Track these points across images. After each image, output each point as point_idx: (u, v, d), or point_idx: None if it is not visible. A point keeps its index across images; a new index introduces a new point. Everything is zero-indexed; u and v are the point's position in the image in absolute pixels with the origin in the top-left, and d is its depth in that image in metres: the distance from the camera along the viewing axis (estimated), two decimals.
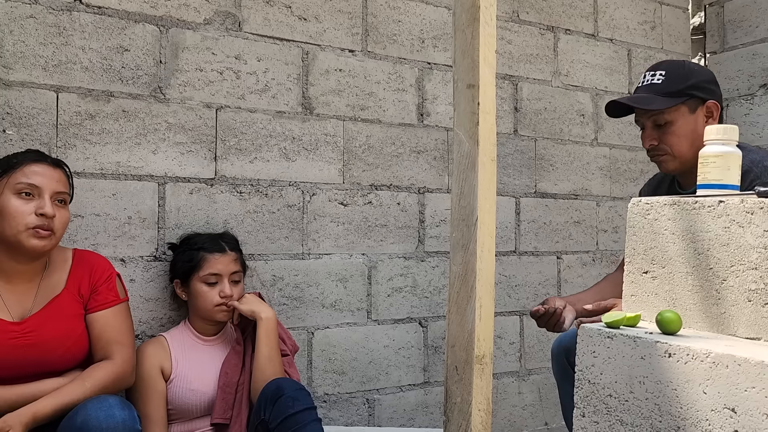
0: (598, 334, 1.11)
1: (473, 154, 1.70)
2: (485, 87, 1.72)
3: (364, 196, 2.40)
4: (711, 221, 1.13)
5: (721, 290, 1.11)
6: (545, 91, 2.88)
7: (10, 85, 1.83)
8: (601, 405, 1.10)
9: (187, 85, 2.08)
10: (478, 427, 1.65)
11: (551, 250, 2.87)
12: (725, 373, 0.94)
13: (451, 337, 1.71)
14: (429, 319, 2.54)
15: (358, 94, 2.40)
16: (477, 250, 1.67)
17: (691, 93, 1.73)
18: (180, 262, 1.92)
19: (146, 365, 1.78)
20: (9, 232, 1.52)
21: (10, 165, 1.56)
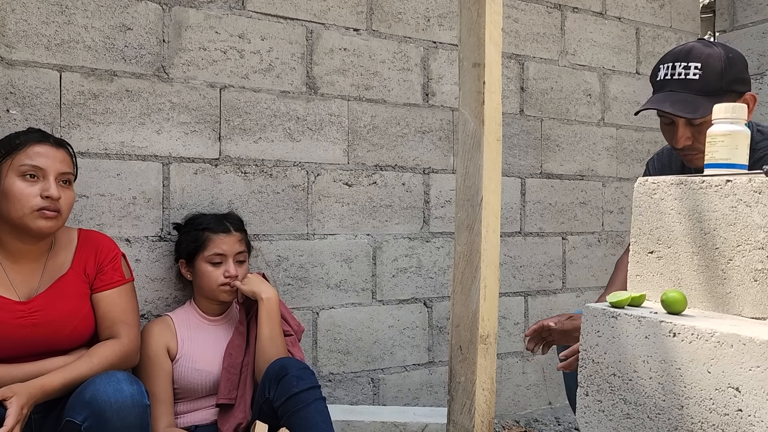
0: (603, 314, 1.11)
1: (478, 133, 1.69)
2: (491, 66, 1.71)
3: (369, 176, 2.40)
4: (718, 201, 1.12)
5: (727, 270, 1.10)
6: (552, 71, 2.85)
7: (13, 64, 1.82)
8: (605, 384, 1.10)
9: (191, 64, 2.07)
10: (482, 406, 1.65)
11: (556, 231, 2.86)
12: (730, 352, 0.94)
13: (456, 317, 1.71)
14: (434, 300, 2.55)
15: (362, 74, 2.38)
16: (482, 230, 1.67)
17: (730, 89, 1.59)
18: (185, 242, 1.92)
19: (152, 344, 1.79)
20: (15, 214, 1.52)
21: (13, 146, 1.55)
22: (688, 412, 0.99)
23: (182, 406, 1.84)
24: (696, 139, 1.62)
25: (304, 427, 1.62)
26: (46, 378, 1.46)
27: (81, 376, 1.50)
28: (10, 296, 1.54)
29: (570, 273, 2.89)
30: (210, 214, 1.98)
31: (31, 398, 1.41)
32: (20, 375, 1.48)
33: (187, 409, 1.84)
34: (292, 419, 1.63)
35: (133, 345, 1.66)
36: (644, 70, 3.13)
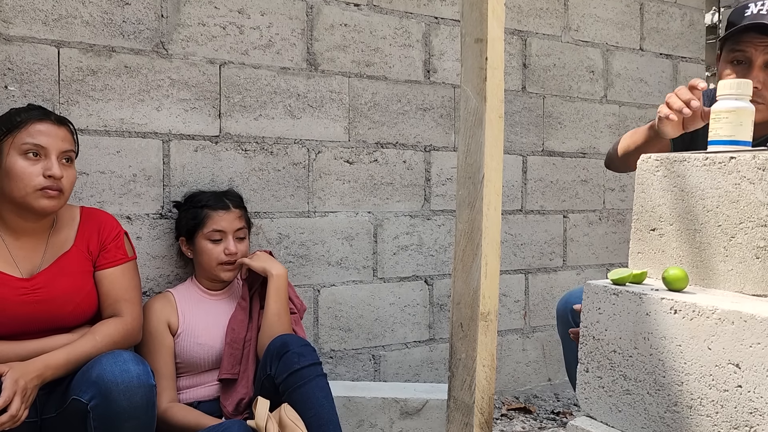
0: (604, 291, 1.11)
1: (480, 110, 1.67)
2: (493, 41, 1.68)
3: (369, 154, 2.38)
4: (721, 178, 1.12)
5: (729, 247, 1.10)
6: (555, 47, 2.82)
7: (11, 40, 1.81)
8: (605, 360, 1.10)
9: (190, 40, 2.05)
10: (483, 382, 1.66)
11: (558, 209, 2.86)
12: (731, 329, 0.94)
13: (457, 294, 1.71)
14: (434, 277, 2.55)
15: (363, 50, 2.35)
16: (483, 207, 1.66)
17: None
18: (184, 219, 1.91)
19: (153, 320, 1.80)
20: (17, 193, 1.51)
21: (14, 124, 1.53)
22: (687, 388, 0.99)
23: (184, 380, 1.85)
24: (766, 86, 1.57)
25: (305, 403, 1.63)
26: (50, 355, 1.47)
27: (85, 353, 1.51)
28: (12, 273, 1.54)
29: (571, 251, 2.89)
30: (209, 192, 1.98)
31: (33, 374, 1.41)
32: (23, 352, 1.49)
33: (189, 384, 1.85)
34: (294, 395, 1.64)
35: (135, 323, 1.67)
36: (648, 46, 3.10)
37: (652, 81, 3.12)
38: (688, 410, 0.99)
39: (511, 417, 2.53)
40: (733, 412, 0.94)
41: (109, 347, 1.55)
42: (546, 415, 2.58)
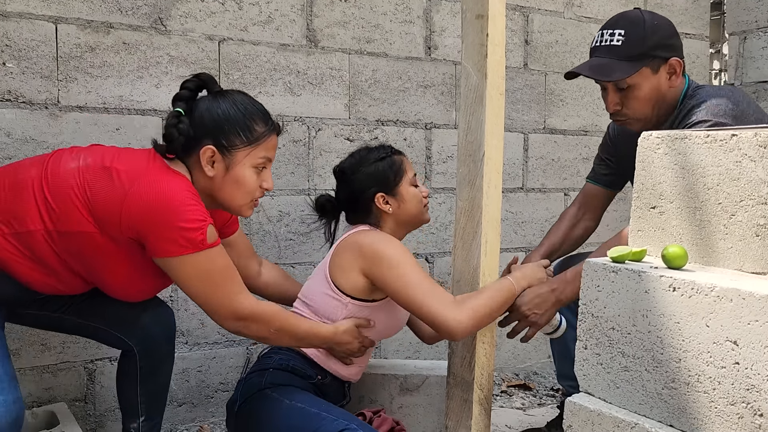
0: (603, 269, 1.11)
1: (481, 87, 1.66)
2: (495, 18, 1.67)
3: (370, 131, 2.37)
4: (722, 155, 1.11)
5: (729, 225, 1.10)
6: (557, 23, 2.79)
7: (8, 16, 1.79)
8: (604, 338, 1.11)
9: (189, 16, 2.03)
10: (482, 359, 1.68)
11: (559, 187, 2.85)
12: (729, 306, 0.95)
13: (457, 272, 1.72)
14: (435, 255, 2.56)
15: (364, 26, 2.33)
16: (483, 185, 1.66)
17: (653, 54, 1.62)
18: (382, 173, 1.66)
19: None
20: (233, 201, 1.48)
21: (256, 137, 1.46)
22: (685, 365, 1.00)
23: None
24: (624, 105, 1.68)
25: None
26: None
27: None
28: None
29: None
30: (365, 147, 1.77)
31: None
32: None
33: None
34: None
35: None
36: None
37: None
38: (686, 387, 0.99)
39: (511, 394, 2.56)
40: (730, 388, 0.94)
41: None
42: (545, 391, 2.60)
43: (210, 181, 1.44)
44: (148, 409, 1.66)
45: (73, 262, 1.39)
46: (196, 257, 1.34)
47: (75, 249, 1.37)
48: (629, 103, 1.66)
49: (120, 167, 1.36)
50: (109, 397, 1.96)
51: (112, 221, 1.34)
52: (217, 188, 1.46)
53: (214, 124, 1.43)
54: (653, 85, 1.64)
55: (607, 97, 1.70)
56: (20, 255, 1.35)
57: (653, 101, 1.65)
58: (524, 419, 2.30)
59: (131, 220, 1.33)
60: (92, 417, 1.96)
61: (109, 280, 1.44)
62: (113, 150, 1.44)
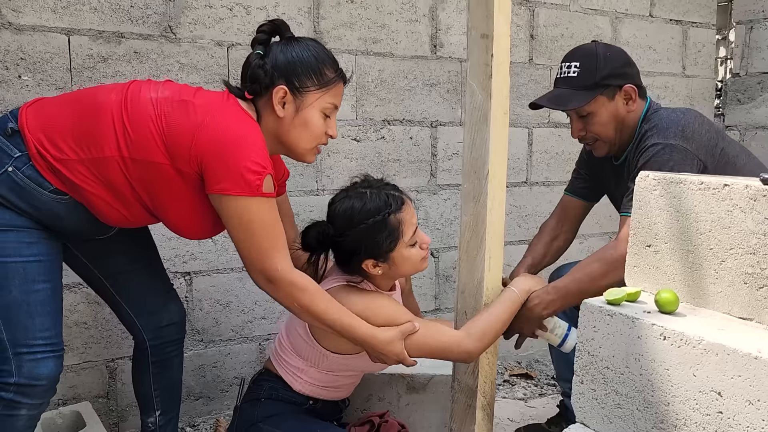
0: (599, 311, 1.18)
1: (486, 107, 1.70)
2: (500, 38, 1.70)
3: (376, 131, 2.41)
4: (715, 203, 1.16)
5: (719, 270, 1.16)
6: (563, 17, 2.79)
7: (22, 29, 1.82)
8: (599, 375, 1.19)
9: (197, 23, 2.05)
10: (486, 368, 1.76)
11: (562, 180, 2.89)
12: (715, 360, 1.02)
13: (461, 283, 1.79)
14: (440, 250, 2.63)
15: (370, 27, 2.35)
16: (488, 202, 1.71)
17: (606, 84, 1.75)
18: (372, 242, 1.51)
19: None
20: (300, 144, 1.49)
21: (327, 81, 1.47)
22: (673, 408, 1.07)
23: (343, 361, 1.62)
24: (588, 130, 1.82)
25: None
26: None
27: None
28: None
29: None
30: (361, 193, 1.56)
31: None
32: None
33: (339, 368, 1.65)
34: None
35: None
36: (658, 12, 3.06)
37: (660, 48, 3.09)
38: (673, 429, 1.07)
39: (513, 383, 2.66)
40: None
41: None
42: (546, 380, 2.71)
43: (279, 122, 1.46)
44: (163, 403, 1.75)
45: (142, 191, 1.41)
46: (246, 201, 1.35)
47: (146, 178, 1.39)
48: (591, 128, 1.81)
49: (196, 101, 1.39)
50: (129, 393, 2.06)
51: (182, 152, 1.36)
52: (285, 130, 1.47)
53: (287, 66, 1.44)
54: (610, 111, 1.78)
55: (573, 125, 1.85)
56: (94, 180, 1.37)
57: (613, 125, 1.79)
58: (525, 411, 2.41)
59: (199, 150, 1.34)
60: (114, 412, 2.07)
61: (172, 214, 1.45)
62: (188, 87, 1.48)
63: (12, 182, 1.34)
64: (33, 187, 1.34)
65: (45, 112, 1.38)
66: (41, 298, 1.36)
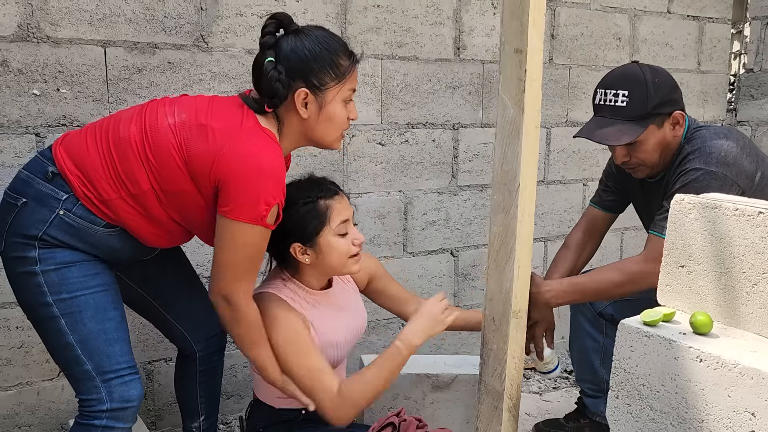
0: (637, 332, 1.24)
1: (518, 121, 1.74)
2: (533, 53, 1.73)
3: (401, 135, 2.46)
4: (749, 230, 1.21)
5: (751, 293, 1.22)
6: (583, 16, 2.81)
7: (59, 42, 1.85)
8: (635, 391, 1.25)
9: (229, 31, 2.08)
10: (513, 372, 1.83)
11: (578, 178, 2.95)
12: (749, 383, 1.08)
13: (490, 291, 1.85)
14: (460, 249, 2.68)
15: (395, 31, 2.38)
16: (518, 214, 1.76)
17: (657, 113, 1.72)
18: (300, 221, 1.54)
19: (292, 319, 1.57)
20: (327, 137, 1.50)
21: (342, 72, 1.46)
22: (707, 426, 1.14)
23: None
24: (632, 156, 1.78)
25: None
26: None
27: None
28: None
29: None
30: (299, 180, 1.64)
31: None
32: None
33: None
34: None
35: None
36: (675, 8, 3.08)
37: (677, 44, 3.12)
38: None
39: (527, 377, 2.74)
40: None
41: None
42: (559, 373, 2.78)
43: (304, 122, 1.46)
44: (207, 409, 1.83)
45: (177, 216, 1.46)
46: (246, 227, 1.37)
47: (178, 204, 1.44)
48: (637, 155, 1.77)
49: (215, 125, 1.39)
50: (165, 393, 2.14)
51: (202, 175, 1.38)
52: (311, 128, 1.48)
53: (303, 65, 1.42)
54: (658, 138, 1.75)
55: (615, 152, 1.81)
56: (136, 212, 1.42)
57: (659, 151, 1.77)
58: (542, 406, 2.49)
59: (217, 176, 1.37)
60: (152, 411, 2.15)
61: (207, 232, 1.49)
62: (205, 103, 1.45)
63: (65, 225, 1.38)
64: (87, 225, 1.39)
65: (77, 151, 1.41)
66: (114, 324, 1.43)
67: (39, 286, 1.38)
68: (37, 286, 1.38)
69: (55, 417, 2.01)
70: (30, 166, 1.43)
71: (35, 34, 1.81)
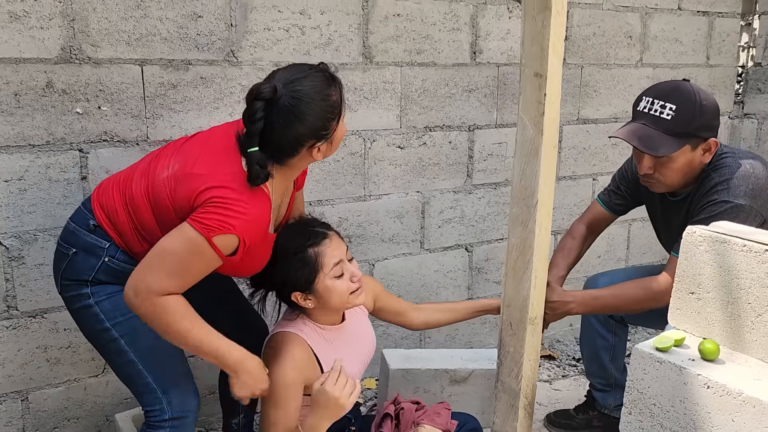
0: (650, 357, 1.37)
1: (537, 141, 1.84)
2: (552, 77, 1.83)
3: (419, 138, 2.55)
4: (756, 265, 1.33)
5: (755, 322, 1.34)
6: (595, 16, 2.87)
7: (100, 63, 1.93)
8: (647, 410, 1.39)
9: (257, 46, 2.16)
10: (528, 373, 1.97)
11: (588, 173, 3.05)
12: (752, 410, 1.21)
13: (507, 297, 1.98)
14: (474, 245, 2.80)
15: (415, 38, 2.45)
16: (536, 228, 1.88)
17: (697, 134, 1.75)
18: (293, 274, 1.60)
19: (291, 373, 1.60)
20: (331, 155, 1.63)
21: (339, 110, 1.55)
22: None
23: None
24: (657, 171, 1.82)
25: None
26: None
27: None
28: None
29: None
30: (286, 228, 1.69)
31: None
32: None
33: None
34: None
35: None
36: (686, 5, 3.13)
37: (686, 40, 3.18)
38: None
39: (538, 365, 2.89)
40: None
41: None
42: (567, 361, 2.94)
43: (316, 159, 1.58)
44: (245, 408, 1.98)
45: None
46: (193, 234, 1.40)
47: None
48: (663, 171, 1.80)
49: (198, 171, 1.46)
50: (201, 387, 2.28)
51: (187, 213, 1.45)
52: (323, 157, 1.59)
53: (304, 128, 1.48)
54: (688, 159, 1.78)
55: (642, 161, 1.83)
56: None
57: (684, 172, 1.81)
58: (552, 395, 2.64)
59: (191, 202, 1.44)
60: None
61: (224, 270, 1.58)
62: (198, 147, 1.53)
63: (110, 269, 1.53)
64: (129, 268, 1.50)
65: (108, 207, 1.55)
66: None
67: (96, 315, 1.53)
68: (94, 315, 1.53)
69: (100, 410, 2.16)
70: (75, 217, 1.58)
71: (77, 55, 1.89)
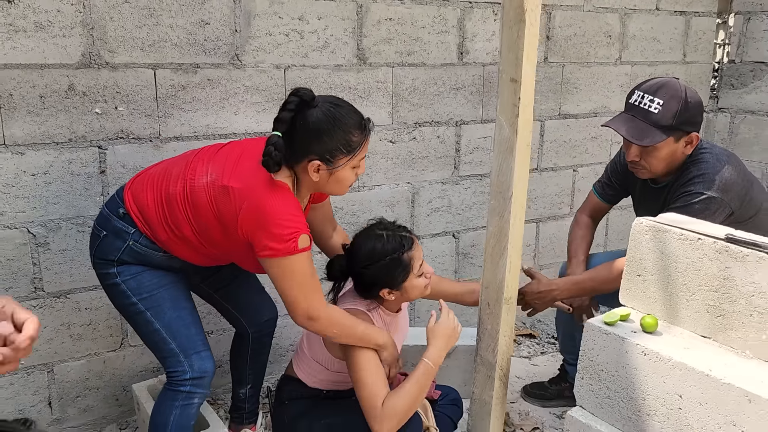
0: (599, 330, 1.59)
1: (512, 140, 2.06)
2: (526, 82, 2.04)
3: (409, 133, 2.75)
4: (691, 252, 1.55)
5: (689, 300, 1.56)
6: (576, 17, 3.06)
7: (116, 67, 2.13)
8: (595, 374, 1.61)
9: (260, 50, 2.36)
10: (503, 347, 2.20)
11: (569, 165, 3.26)
12: (678, 373, 1.43)
13: (486, 280, 2.20)
14: (461, 232, 3.02)
15: (405, 41, 2.64)
16: (510, 218, 2.10)
17: (680, 128, 1.93)
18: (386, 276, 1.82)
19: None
20: (336, 193, 1.77)
21: (353, 147, 1.67)
22: (647, 403, 1.50)
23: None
24: (643, 158, 2.01)
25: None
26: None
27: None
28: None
29: (577, 199, 3.32)
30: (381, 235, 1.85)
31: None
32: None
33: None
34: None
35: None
36: (664, 5, 3.32)
37: (664, 39, 3.37)
38: (647, 417, 1.51)
39: (519, 342, 3.12)
40: (674, 423, 1.45)
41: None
42: (546, 339, 3.17)
43: (316, 183, 1.70)
44: (253, 379, 2.22)
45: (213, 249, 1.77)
46: (286, 260, 1.60)
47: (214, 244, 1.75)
48: (648, 159, 2.00)
49: (234, 185, 1.64)
50: None
51: (233, 229, 1.65)
52: (322, 186, 1.72)
53: (317, 141, 1.62)
54: (671, 150, 1.97)
55: (629, 149, 2.02)
56: (186, 248, 1.76)
57: (667, 162, 2.00)
58: (530, 369, 2.87)
59: (243, 231, 1.64)
60: None
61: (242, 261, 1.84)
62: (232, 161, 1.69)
63: (134, 252, 1.75)
64: (151, 252, 1.75)
65: (140, 201, 1.75)
66: (188, 312, 1.80)
67: (123, 291, 1.75)
68: (122, 292, 1.75)
69: (118, 381, 2.39)
70: (109, 204, 1.80)
71: (96, 61, 2.09)
